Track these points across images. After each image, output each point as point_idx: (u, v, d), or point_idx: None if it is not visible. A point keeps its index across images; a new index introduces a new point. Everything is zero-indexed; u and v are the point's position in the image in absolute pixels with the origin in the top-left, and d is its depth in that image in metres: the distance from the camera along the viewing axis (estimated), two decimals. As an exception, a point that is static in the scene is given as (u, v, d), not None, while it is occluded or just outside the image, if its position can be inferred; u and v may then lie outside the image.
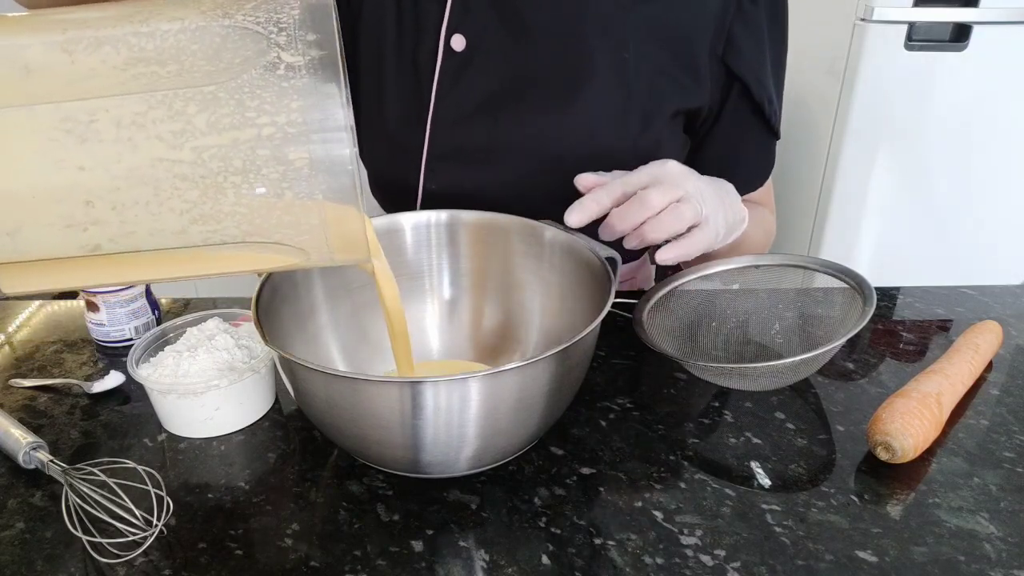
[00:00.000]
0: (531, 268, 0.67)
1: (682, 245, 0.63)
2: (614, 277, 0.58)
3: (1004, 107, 1.63)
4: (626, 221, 0.62)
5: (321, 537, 0.51)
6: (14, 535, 0.52)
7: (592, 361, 0.63)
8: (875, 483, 0.55)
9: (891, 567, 0.48)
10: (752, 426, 0.61)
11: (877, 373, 0.68)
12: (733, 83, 0.77)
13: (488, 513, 0.53)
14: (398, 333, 0.56)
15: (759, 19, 0.75)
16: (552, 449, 0.59)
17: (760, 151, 0.84)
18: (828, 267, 0.68)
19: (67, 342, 0.74)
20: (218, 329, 0.64)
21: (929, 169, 1.70)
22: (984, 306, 0.79)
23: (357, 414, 0.49)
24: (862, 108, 1.64)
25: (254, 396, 0.62)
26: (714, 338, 0.71)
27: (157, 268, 0.43)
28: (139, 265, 0.43)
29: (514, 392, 0.49)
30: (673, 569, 0.48)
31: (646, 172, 0.64)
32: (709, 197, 0.65)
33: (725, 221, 0.67)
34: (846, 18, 1.63)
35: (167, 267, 0.43)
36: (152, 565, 0.49)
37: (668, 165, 0.64)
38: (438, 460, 0.52)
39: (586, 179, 0.65)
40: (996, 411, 0.63)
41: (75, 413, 0.64)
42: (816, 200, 1.80)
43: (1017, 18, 1.55)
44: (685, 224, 0.62)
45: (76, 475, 0.53)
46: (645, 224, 0.62)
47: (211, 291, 1.76)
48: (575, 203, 0.63)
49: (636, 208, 0.61)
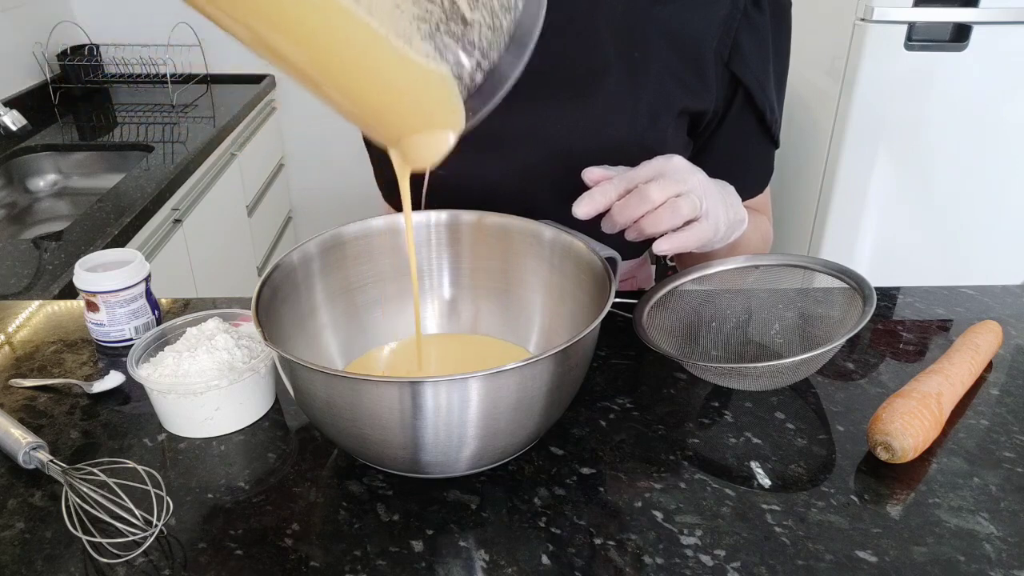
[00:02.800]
0: (531, 268, 0.67)
1: (678, 237, 0.64)
2: (614, 277, 0.58)
3: (1004, 107, 1.63)
4: (625, 214, 0.62)
5: (321, 537, 0.51)
6: (14, 535, 0.52)
7: (592, 361, 0.63)
8: (875, 483, 0.55)
9: (891, 567, 0.48)
10: (752, 426, 0.61)
11: (877, 373, 0.68)
12: (737, 89, 0.78)
13: (488, 513, 0.53)
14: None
15: (764, 28, 0.76)
16: (552, 449, 0.59)
17: (760, 158, 0.85)
18: (828, 267, 0.68)
19: (67, 342, 0.74)
20: (218, 329, 0.64)
21: (929, 169, 1.70)
22: (984, 306, 0.79)
23: (357, 414, 0.49)
24: (862, 108, 1.64)
25: (254, 396, 0.62)
26: (714, 338, 0.71)
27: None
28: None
29: (514, 392, 0.49)
30: (673, 569, 0.48)
31: (651, 166, 0.64)
32: (712, 193, 0.65)
33: (726, 218, 0.67)
34: (846, 18, 1.63)
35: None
36: (152, 565, 0.49)
37: (674, 160, 0.65)
38: (438, 460, 0.52)
39: (593, 172, 0.66)
40: (996, 411, 0.63)
41: (75, 413, 0.64)
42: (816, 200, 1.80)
43: (1017, 18, 1.55)
44: (682, 219, 0.63)
45: (76, 475, 0.53)
46: (643, 218, 0.63)
47: (211, 291, 1.76)
48: (584, 195, 0.63)
49: (636, 202, 0.62)
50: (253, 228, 2.15)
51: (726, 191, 0.70)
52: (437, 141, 0.51)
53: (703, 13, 0.74)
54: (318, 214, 2.69)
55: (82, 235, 1.31)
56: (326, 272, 0.65)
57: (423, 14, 0.45)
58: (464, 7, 0.46)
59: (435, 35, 0.46)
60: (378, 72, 0.46)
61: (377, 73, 0.46)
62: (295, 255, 0.63)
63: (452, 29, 0.46)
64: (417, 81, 0.47)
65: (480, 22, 0.47)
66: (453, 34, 0.46)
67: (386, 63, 0.45)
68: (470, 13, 0.46)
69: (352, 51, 0.45)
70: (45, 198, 1.80)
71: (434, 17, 0.45)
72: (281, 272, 0.61)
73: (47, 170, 1.82)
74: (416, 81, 0.47)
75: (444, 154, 0.52)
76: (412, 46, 0.45)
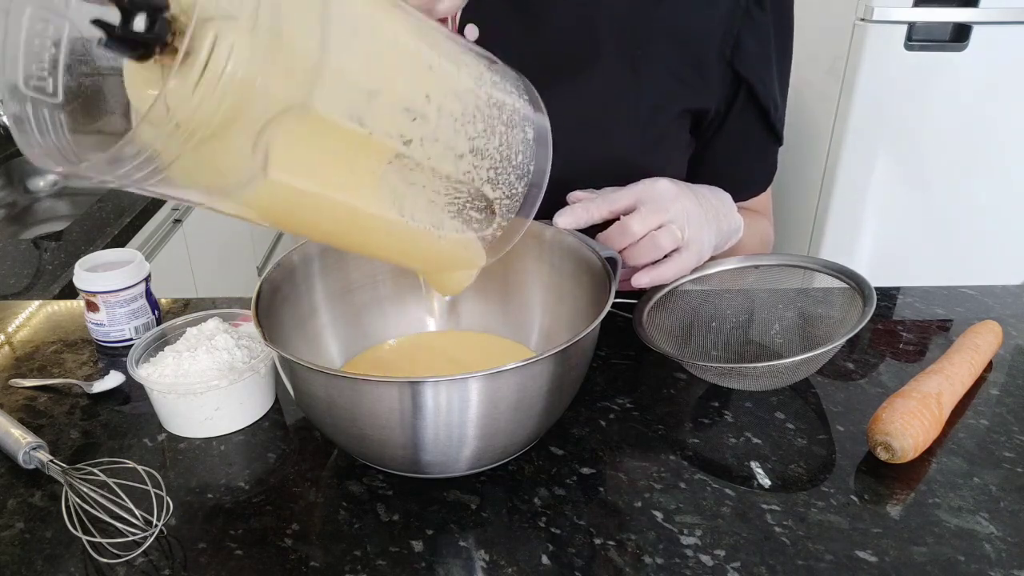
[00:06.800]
0: (531, 268, 0.67)
1: (657, 271, 0.66)
2: (614, 277, 0.58)
3: (1004, 107, 1.63)
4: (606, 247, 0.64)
5: (321, 537, 0.51)
6: (14, 535, 0.52)
7: (592, 361, 0.63)
8: (875, 483, 0.55)
9: (891, 567, 0.48)
10: (752, 426, 0.61)
11: (877, 373, 0.68)
12: (740, 87, 0.78)
13: (488, 513, 0.53)
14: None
15: (766, 25, 0.76)
16: (552, 449, 0.59)
17: (763, 156, 0.85)
18: (828, 267, 0.68)
19: (67, 342, 0.74)
20: (218, 329, 0.64)
21: (929, 169, 1.70)
22: (984, 306, 0.79)
23: (357, 414, 0.49)
24: (862, 108, 1.64)
25: (254, 396, 0.62)
26: (714, 338, 0.71)
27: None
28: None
29: (514, 392, 0.49)
30: (673, 569, 0.48)
31: (633, 192, 0.66)
32: (694, 219, 0.66)
33: (712, 241, 0.69)
34: (846, 18, 1.63)
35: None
36: (152, 565, 0.49)
37: (658, 185, 0.66)
38: (438, 460, 0.52)
39: (576, 195, 0.69)
40: (996, 411, 0.63)
41: (75, 413, 0.64)
42: (816, 200, 1.80)
43: (1017, 18, 1.54)
44: (662, 252, 0.65)
45: (76, 475, 0.53)
46: (625, 251, 0.65)
47: (211, 291, 1.76)
48: (566, 208, 0.65)
49: (616, 235, 0.65)
50: (253, 228, 2.15)
51: (715, 206, 0.71)
52: (461, 277, 0.58)
53: (705, 12, 0.75)
54: (318, 214, 2.68)
55: (82, 235, 1.31)
56: (326, 272, 0.65)
57: (452, 200, 0.50)
58: (487, 190, 0.50)
59: (462, 212, 0.51)
60: (420, 248, 0.52)
61: (419, 248, 0.52)
62: (295, 255, 0.63)
63: (477, 205, 0.51)
64: (445, 248, 0.53)
65: (500, 197, 0.52)
66: (477, 208, 0.52)
67: (426, 242, 0.51)
68: (492, 192, 0.51)
69: (398, 244, 0.51)
70: (45, 198, 1.80)
71: (461, 199, 0.50)
72: (281, 272, 0.61)
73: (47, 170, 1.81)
74: (448, 247, 0.53)
75: (469, 283, 0.58)
76: (444, 227, 0.51)
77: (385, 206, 0.47)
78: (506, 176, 0.52)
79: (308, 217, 0.46)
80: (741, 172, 0.84)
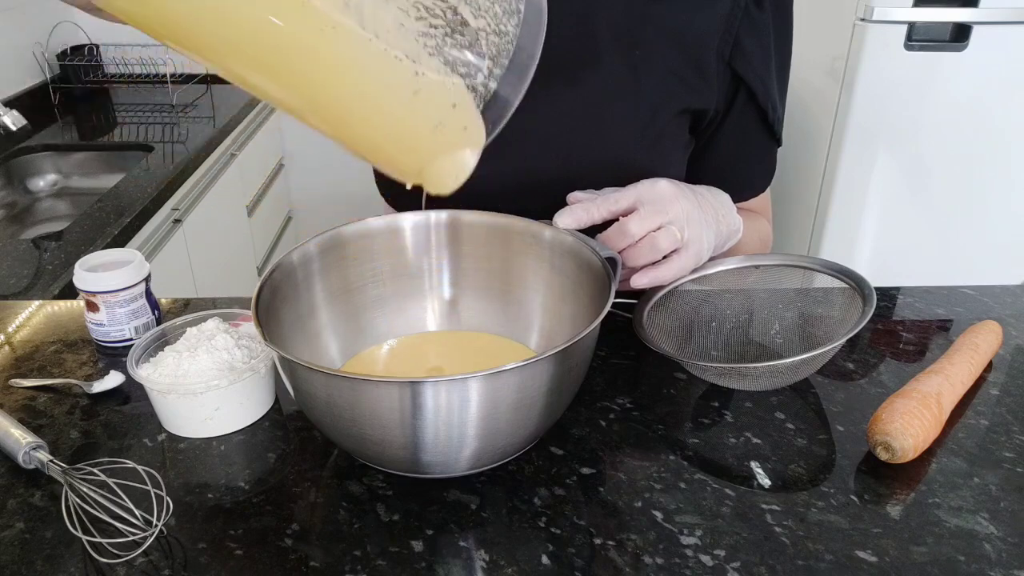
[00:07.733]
0: (531, 268, 0.67)
1: (656, 272, 0.66)
2: (614, 277, 0.58)
3: (1004, 107, 1.63)
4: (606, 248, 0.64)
5: (321, 537, 0.51)
6: (14, 535, 0.52)
7: (592, 361, 0.63)
8: (875, 483, 0.55)
9: (891, 567, 0.48)
10: (752, 426, 0.61)
11: (877, 373, 0.68)
12: (739, 87, 0.78)
13: (488, 513, 0.53)
14: None
15: (766, 25, 0.76)
16: (552, 449, 0.59)
17: (762, 157, 0.85)
18: (828, 267, 0.68)
19: (67, 342, 0.74)
20: (218, 329, 0.64)
21: (929, 169, 1.70)
22: (984, 306, 0.79)
23: (357, 414, 0.49)
24: (862, 108, 1.64)
25: (254, 396, 0.62)
26: (714, 338, 0.71)
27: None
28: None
29: (514, 392, 0.49)
30: (673, 569, 0.48)
31: (633, 193, 0.66)
32: (694, 220, 0.67)
33: (711, 242, 0.70)
34: (846, 18, 1.63)
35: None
36: (152, 565, 0.49)
37: (658, 185, 0.66)
38: (438, 460, 0.52)
39: (576, 195, 0.69)
40: (996, 411, 0.63)
41: (75, 413, 0.64)
42: (816, 200, 1.80)
43: (1017, 18, 1.55)
44: (661, 253, 0.65)
45: (76, 475, 0.53)
46: (624, 252, 0.65)
47: (211, 291, 1.76)
48: (566, 208, 0.66)
49: (616, 236, 0.65)
50: (253, 228, 2.15)
51: (715, 207, 0.71)
52: (460, 162, 0.49)
53: (704, 12, 0.75)
54: (318, 214, 2.69)
55: (82, 235, 1.31)
56: (326, 272, 0.65)
57: (427, 29, 0.43)
58: (468, 15, 0.45)
59: (442, 48, 0.44)
60: (392, 94, 0.44)
61: (391, 95, 0.45)
62: (295, 255, 0.63)
63: (458, 40, 0.45)
64: (432, 99, 0.45)
65: (485, 28, 0.46)
66: (460, 44, 0.45)
67: (400, 83, 0.44)
68: (474, 20, 0.45)
69: (362, 76, 0.43)
70: (45, 198, 1.80)
71: (439, 31, 0.44)
72: (281, 272, 0.61)
73: (47, 170, 1.82)
74: (431, 99, 0.45)
75: (468, 173, 0.51)
76: (422, 63, 0.43)
77: (337, 5, 0.38)
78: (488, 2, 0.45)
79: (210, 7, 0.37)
80: (740, 173, 0.84)
